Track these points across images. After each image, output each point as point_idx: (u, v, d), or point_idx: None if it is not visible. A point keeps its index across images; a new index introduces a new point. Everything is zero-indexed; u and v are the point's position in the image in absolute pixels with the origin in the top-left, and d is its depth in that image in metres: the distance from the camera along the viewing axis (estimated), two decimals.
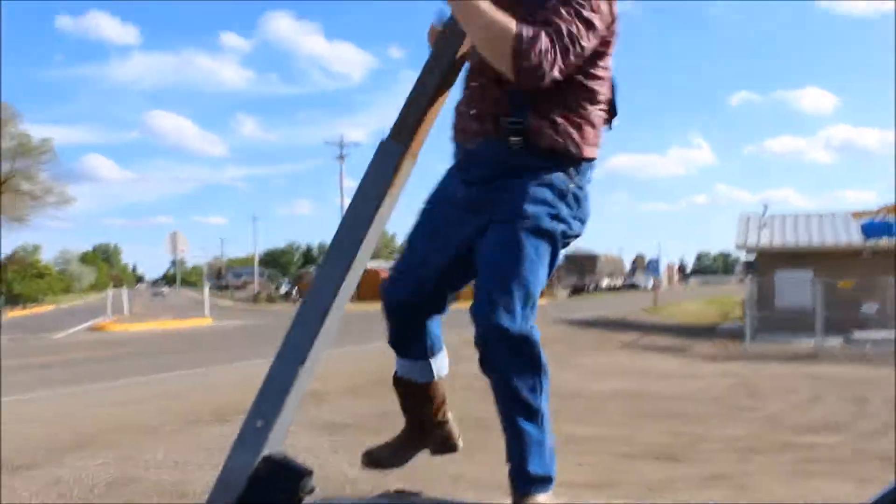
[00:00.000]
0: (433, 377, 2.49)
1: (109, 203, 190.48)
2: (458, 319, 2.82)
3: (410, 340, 2.47)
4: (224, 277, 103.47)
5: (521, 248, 2.16)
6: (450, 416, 2.57)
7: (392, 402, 2.83)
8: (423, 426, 2.54)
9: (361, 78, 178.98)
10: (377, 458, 2.60)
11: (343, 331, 2.70)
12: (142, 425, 8.32)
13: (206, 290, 34.33)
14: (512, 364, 2.14)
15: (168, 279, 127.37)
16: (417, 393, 2.50)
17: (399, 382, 2.54)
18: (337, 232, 2.39)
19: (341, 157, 61.08)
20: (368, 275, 2.68)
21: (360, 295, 2.43)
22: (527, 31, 1.99)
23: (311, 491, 2.20)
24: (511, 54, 1.96)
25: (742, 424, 8.58)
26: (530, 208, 2.16)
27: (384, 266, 20.45)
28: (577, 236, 2.29)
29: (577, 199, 2.24)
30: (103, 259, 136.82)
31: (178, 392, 11.07)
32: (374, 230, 2.34)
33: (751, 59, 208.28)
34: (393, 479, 3.06)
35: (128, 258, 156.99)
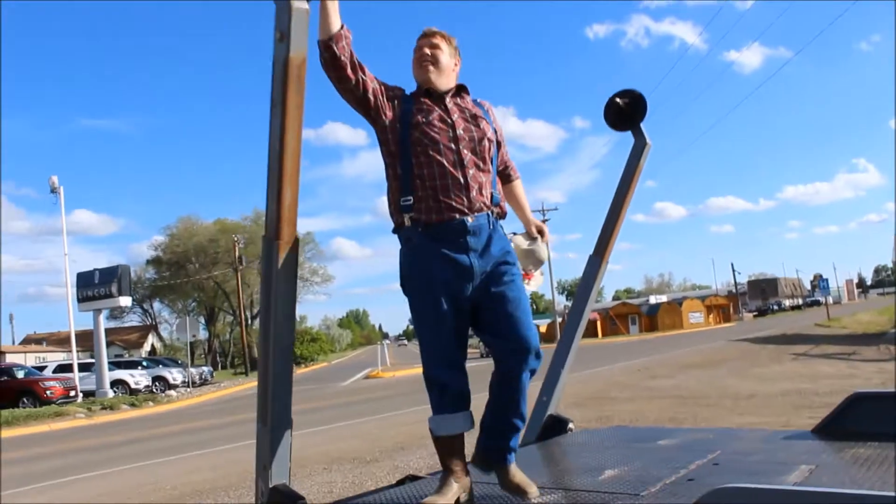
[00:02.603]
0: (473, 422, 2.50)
1: (355, 275, 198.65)
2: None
3: (467, 400, 2.54)
4: None
5: (522, 293, 2.44)
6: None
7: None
8: (465, 468, 2.53)
9: (552, 148, 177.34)
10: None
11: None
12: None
13: None
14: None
15: (407, 334, 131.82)
16: (459, 442, 2.49)
17: (443, 440, 2.53)
18: (570, 312, 3.56)
19: (544, 221, 62.30)
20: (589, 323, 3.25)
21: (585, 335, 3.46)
22: None
23: (571, 430, 3.60)
24: None
25: None
26: (512, 259, 2.47)
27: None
28: None
29: None
30: (355, 322, 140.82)
31: None
32: (587, 310, 3.54)
33: None
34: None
35: (374, 319, 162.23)
